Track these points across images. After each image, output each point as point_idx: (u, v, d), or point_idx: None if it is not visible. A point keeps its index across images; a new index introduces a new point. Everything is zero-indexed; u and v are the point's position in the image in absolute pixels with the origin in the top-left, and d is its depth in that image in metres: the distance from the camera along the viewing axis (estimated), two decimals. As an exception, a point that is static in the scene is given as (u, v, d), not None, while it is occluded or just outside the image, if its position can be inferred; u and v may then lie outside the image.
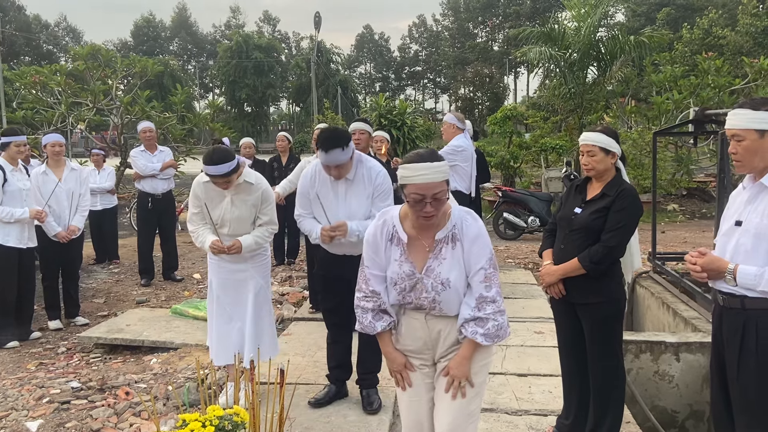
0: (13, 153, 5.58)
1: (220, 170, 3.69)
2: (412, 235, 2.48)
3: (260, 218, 4.01)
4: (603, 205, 3.22)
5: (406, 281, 2.47)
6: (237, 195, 3.92)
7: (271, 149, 12.34)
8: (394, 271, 2.49)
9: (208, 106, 14.87)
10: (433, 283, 2.44)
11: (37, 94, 10.86)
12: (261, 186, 3.98)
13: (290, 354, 4.86)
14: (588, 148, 3.27)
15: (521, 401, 4.01)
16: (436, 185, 2.32)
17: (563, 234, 3.39)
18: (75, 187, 6.13)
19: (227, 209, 3.93)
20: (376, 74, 76.89)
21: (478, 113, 51.43)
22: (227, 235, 3.97)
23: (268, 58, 52.07)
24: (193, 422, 2.47)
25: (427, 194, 2.32)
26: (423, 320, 2.54)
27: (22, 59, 52.92)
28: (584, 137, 3.34)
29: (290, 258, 8.80)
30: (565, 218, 3.38)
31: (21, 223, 5.57)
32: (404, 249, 2.48)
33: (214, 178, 3.74)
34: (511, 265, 8.57)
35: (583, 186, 3.43)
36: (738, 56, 19.53)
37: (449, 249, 2.45)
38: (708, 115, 6.22)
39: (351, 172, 3.76)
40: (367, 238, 2.55)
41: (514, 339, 5.22)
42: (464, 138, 6.60)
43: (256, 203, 3.95)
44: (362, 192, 3.78)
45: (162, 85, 34.97)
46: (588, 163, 3.29)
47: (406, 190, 2.37)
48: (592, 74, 16.35)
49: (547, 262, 3.42)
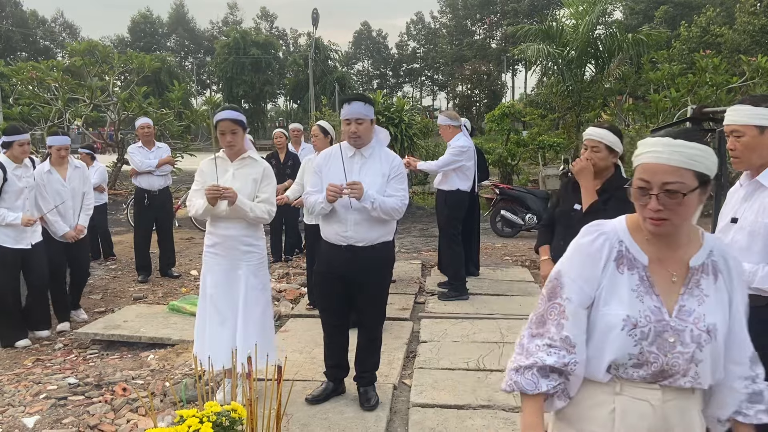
0: (17, 152, 5.40)
1: (230, 114, 3.84)
2: (652, 258, 1.68)
3: (259, 195, 3.94)
4: (603, 199, 3.30)
5: (655, 326, 1.62)
6: (240, 169, 3.94)
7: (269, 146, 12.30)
8: (631, 309, 1.64)
9: (205, 103, 14.85)
10: (693, 330, 1.62)
11: (34, 90, 10.83)
12: (264, 163, 4.02)
13: (288, 351, 4.86)
14: (593, 143, 3.29)
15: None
16: (671, 172, 1.57)
17: (562, 230, 3.40)
18: (79, 186, 6.03)
19: (228, 182, 3.87)
20: (373, 71, 76.77)
21: (475, 111, 51.40)
22: (225, 213, 3.88)
23: (265, 55, 51.94)
24: (190, 418, 2.47)
25: (652, 181, 1.59)
26: (657, 400, 1.65)
27: (19, 55, 52.76)
28: (590, 132, 3.34)
29: (288, 255, 8.79)
30: (565, 214, 3.41)
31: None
32: (646, 275, 1.66)
33: (222, 123, 3.81)
34: (509, 262, 8.58)
35: (575, 183, 3.48)
36: (736, 54, 19.56)
37: (710, 282, 1.68)
38: (705, 113, 6.21)
39: (367, 150, 3.74)
40: (576, 248, 1.74)
41: (512, 336, 5.23)
42: (464, 136, 6.59)
43: (257, 178, 3.93)
44: (377, 170, 3.71)
45: (159, 82, 34.93)
46: (590, 158, 3.31)
47: (634, 178, 1.68)
48: (590, 72, 16.36)
49: (545, 258, 3.45)
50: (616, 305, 1.64)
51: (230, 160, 3.97)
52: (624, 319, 1.63)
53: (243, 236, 3.94)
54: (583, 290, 1.69)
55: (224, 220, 3.91)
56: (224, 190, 3.74)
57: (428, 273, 7.78)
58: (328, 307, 3.98)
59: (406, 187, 3.76)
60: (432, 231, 10.17)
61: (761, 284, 2.46)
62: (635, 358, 1.63)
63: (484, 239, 9.60)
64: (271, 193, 4.00)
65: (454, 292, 6.44)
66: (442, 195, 6.61)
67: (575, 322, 1.68)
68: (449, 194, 6.51)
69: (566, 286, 1.71)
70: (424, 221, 12.94)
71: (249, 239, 3.97)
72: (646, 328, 1.61)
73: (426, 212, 13.74)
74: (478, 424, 3.67)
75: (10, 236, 5.35)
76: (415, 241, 10.56)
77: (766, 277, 2.46)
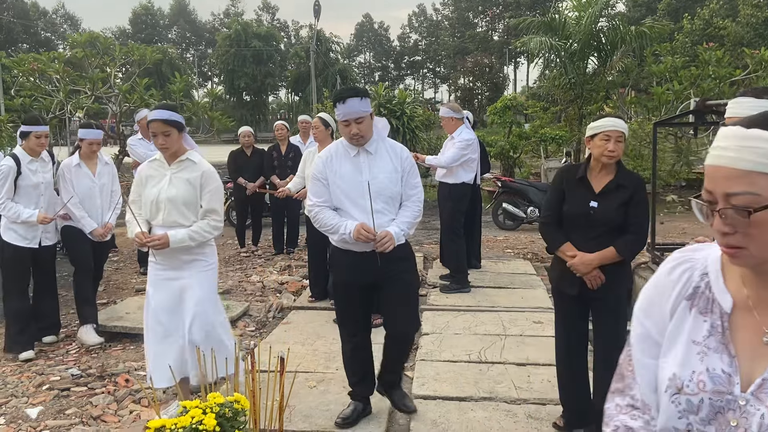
0: (33, 144, 5.01)
1: (161, 114, 3.45)
2: (741, 303, 1.18)
3: (202, 206, 3.56)
4: (624, 197, 3.21)
5: (711, 398, 1.15)
6: (178, 173, 3.56)
7: (270, 138, 12.31)
8: (682, 366, 1.20)
9: (206, 95, 14.81)
10: (765, 417, 1.09)
11: (35, 82, 10.79)
12: (204, 166, 3.59)
13: (290, 343, 4.87)
14: (618, 134, 3.19)
15: (520, 390, 4.02)
16: (736, 177, 1.09)
17: (579, 229, 3.27)
18: (109, 183, 5.59)
19: (164, 188, 3.53)
20: (375, 63, 76.64)
21: (477, 103, 51.30)
22: (161, 226, 3.53)
23: (267, 47, 51.88)
24: (193, 409, 2.48)
25: (715, 192, 1.13)
26: None
27: (20, 46, 52.68)
28: (613, 123, 3.22)
29: (289, 247, 8.80)
30: (581, 213, 3.25)
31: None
32: (723, 325, 1.19)
33: (154, 123, 3.45)
34: (510, 255, 8.58)
35: (584, 177, 3.30)
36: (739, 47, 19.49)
37: None
38: (708, 105, 6.20)
39: (372, 145, 3.40)
40: (652, 278, 1.32)
41: (513, 329, 5.23)
42: (467, 129, 6.58)
43: (195, 183, 3.53)
44: (389, 166, 3.39)
45: (160, 74, 34.87)
46: (615, 151, 3.18)
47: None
48: (593, 64, 16.28)
49: (573, 253, 3.26)
50: (672, 357, 1.22)
51: (167, 163, 3.60)
52: (670, 378, 1.20)
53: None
54: (650, 335, 1.27)
55: (163, 228, 3.55)
56: (150, 240, 3.43)
57: (430, 266, 7.78)
58: (353, 318, 3.58)
59: (420, 179, 3.54)
60: (434, 224, 10.16)
61: None
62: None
63: (485, 232, 9.60)
64: (216, 202, 3.60)
65: (456, 284, 6.44)
66: (445, 188, 6.61)
67: (642, 374, 1.28)
68: (453, 187, 6.50)
69: (633, 329, 1.32)
70: (425, 214, 12.86)
71: (192, 247, 3.60)
72: (696, 398, 1.15)
73: (428, 204, 13.70)
74: (480, 416, 3.68)
75: (21, 234, 5.01)
76: (417, 234, 10.56)
77: None
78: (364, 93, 3.36)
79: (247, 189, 8.55)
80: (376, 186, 3.31)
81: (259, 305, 6.14)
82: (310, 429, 3.53)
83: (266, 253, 8.77)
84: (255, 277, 7.29)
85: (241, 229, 9.22)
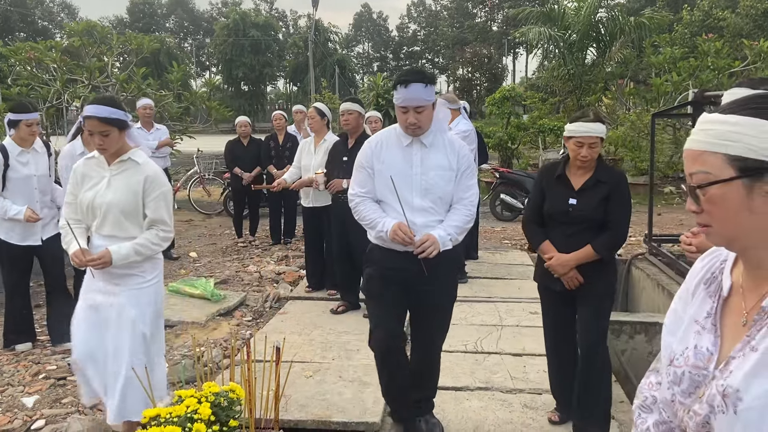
0: (24, 133, 4.61)
1: (98, 111, 2.97)
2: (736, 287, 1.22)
3: (147, 214, 3.09)
4: (603, 193, 3.16)
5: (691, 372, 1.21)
6: (118, 175, 3.09)
7: (268, 128, 12.29)
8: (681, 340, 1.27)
9: (204, 85, 14.77)
10: (711, 393, 1.14)
11: (32, 71, 10.75)
12: (149, 168, 3.12)
13: (286, 333, 4.87)
14: (592, 140, 3.09)
15: (516, 380, 4.04)
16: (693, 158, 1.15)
17: (560, 227, 3.25)
18: None
19: (100, 192, 3.07)
20: (374, 54, 76.36)
21: (476, 94, 51.22)
22: (99, 235, 3.09)
23: (265, 37, 51.60)
24: (188, 398, 2.48)
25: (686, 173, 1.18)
26: None
27: (17, 35, 52.43)
28: (587, 129, 3.09)
29: (287, 237, 8.79)
30: (560, 211, 3.23)
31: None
32: (716, 308, 1.24)
33: (89, 121, 2.98)
34: (508, 246, 8.59)
35: (563, 175, 3.27)
36: (738, 38, 19.45)
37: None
38: (707, 96, 6.19)
39: (428, 137, 3.05)
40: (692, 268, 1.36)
41: (510, 319, 5.25)
42: (465, 119, 6.54)
43: (137, 189, 3.05)
44: (443, 163, 3.05)
45: (158, 63, 34.69)
46: (588, 156, 3.12)
47: None
48: (592, 55, 16.30)
49: (550, 255, 3.25)
50: (678, 334, 1.29)
51: (107, 162, 3.12)
52: (670, 351, 1.28)
53: None
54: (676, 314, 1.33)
55: (99, 237, 3.12)
56: (90, 261, 2.98)
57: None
58: (386, 314, 3.19)
59: (476, 181, 3.24)
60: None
61: None
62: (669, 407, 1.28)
63: (483, 223, 9.60)
64: (163, 211, 3.12)
65: (452, 275, 6.43)
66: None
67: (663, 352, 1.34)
68: None
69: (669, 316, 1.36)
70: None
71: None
72: (680, 371, 1.22)
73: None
74: (476, 405, 3.69)
75: (15, 231, 4.64)
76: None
77: None
78: (431, 79, 2.99)
79: (244, 179, 8.53)
80: (426, 182, 3.01)
81: (256, 295, 6.14)
82: (306, 418, 3.54)
83: (263, 243, 8.77)
84: (252, 267, 7.29)
85: (238, 220, 9.21)
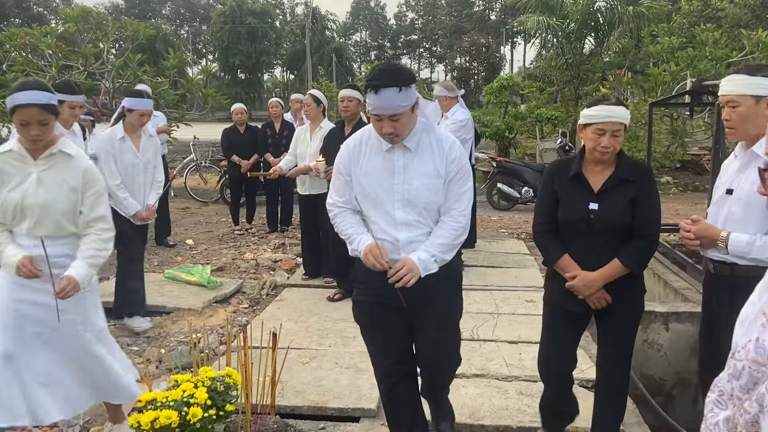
0: (67, 115, 4.40)
1: (36, 97, 2.62)
2: None
3: (84, 212, 2.80)
4: (629, 194, 2.69)
5: (751, 367, 1.17)
6: (48, 171, 2.75)
7: (265, 117, 12.26)
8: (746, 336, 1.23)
9: (201, 72, 14.70)
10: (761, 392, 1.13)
11: (28, 57, 10.69)
12: (83, 162, 2.84)
13: (283, 319, 4.88)
14: (616, 127, 2.63)
15: (512, 367, 4.05)
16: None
17: (579, 237, 2.75)
18: (153, 158, 4.95)
19: (30, 191, 2.72)
20: (371, 42, 76.07)
21: (473, 83, 51.10)
22: (32, 236, 2.74)
23: (262, 24, 51.33)
24: (185, 383, 2.49)
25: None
26: None
27: (12, 21, 52.06)
28: (610, 113, 2.63)
29: (283, 225, 8.79)
30: (579, 218, 2.72)
31: None
32: None
33: (26, 110, 2.62)
34: (504, 235, 8.60)
35: (580, 174, 2.77)
36: (736, 29, 19.38)
37: None
38: (705, 86, 6.19)
39: (412, 139, 2.58)
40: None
41: (506, 307, 5.26)
42: (462, 108, 6.53)
43: (75, 186, 2.77)
44: (429, 168, 2.58)
45: (154, 50, 34.48)
46: (610, 147, 2.64)
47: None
48: (590, 45, 16.24)
49: (573, 273, 2.74)
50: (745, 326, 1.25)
51: (32, 157, 2.75)
52: (734, 343, 1.25)
53: (58, 256, 2.79)
54: (753, 306, 1.27)
55: (28, 238, 2.78)
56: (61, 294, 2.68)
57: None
58: (385, 344, 2.81)
59: (471, 185, 2.71)
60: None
61: (759, 255, 2.47)
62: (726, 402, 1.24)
63: (480, 212, 9.60)
64: (103, 207, 2.87)
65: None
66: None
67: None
68: None
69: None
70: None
71: (65, 259, 2.81)
72: (740, 365, 1.18)
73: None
74: (472, 392, 3.71)
75: None
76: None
77: (763, 248, 2.47)
78: (407, 80, 2.46)
79: (242, 167, 8.50)
80: (409, 193, 2.58)
81: (252, 283, 6.14)
82: (302, 404, 3.55)
83: (260, 231, 8.76)
84: (249, 254, 7.29)
85: (235, 207, 9.19)
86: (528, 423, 3.35)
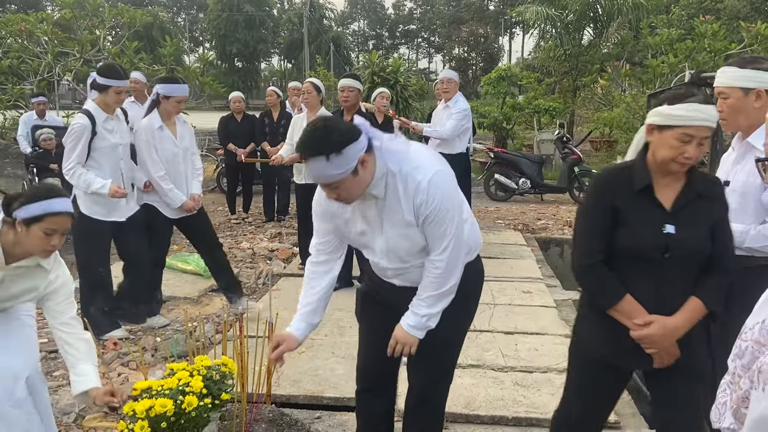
0: (112, 100, 4.23)
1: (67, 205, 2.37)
2: None
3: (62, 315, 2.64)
4: (710, 214, 2.14)
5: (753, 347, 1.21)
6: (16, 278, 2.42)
7: (262, 105, 12.23)
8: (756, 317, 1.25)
9: (198, 60, 14.65)
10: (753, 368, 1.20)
11: (23, 43, 10.63)
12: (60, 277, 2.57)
13: (279, 309, 4.85)
14: (706, 134, 2.05)
15: (507, 358, 4.06)
16: None
17: (647, 271, 2.10)
18: (190, 146, 4.76)
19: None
20: (369, 32, 75.73)
21: (472, 74, 50.97)
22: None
23: (259, 12, 51.07)
24: (180, 371, 2.49)
25: None
26: None
27: (8, 7, 51.67)
28: (704, 114, 2.01)
29: (280, 215, 8.78)
30: (655, 245, 2.08)
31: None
32: None
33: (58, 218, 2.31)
34: (501, 226, 8.60)
35: (646, 188, 2.13)
36: (735, 21, 19.36)
37: None
38: (703, 78, 6.16)
39: (378, 186, 2.22)
40: None
41: (502, 298, 5.26)
42: (462, 96, 6.59)
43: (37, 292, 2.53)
44: (399, 215, 2.25)
45: (151, 37, 34.28)
46: (694, 158, 2.04)
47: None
48: (589, 36, 16.21)
49: (646, 319, 2.08)
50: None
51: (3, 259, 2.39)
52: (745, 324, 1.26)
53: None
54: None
55: None
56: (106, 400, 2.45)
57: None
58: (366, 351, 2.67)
59: (452, 220, 2.26)
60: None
61: (752, 244, 2.48)
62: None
63: (477, 202, 9.61)
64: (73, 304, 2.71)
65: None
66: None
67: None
68: (453, 158, 6.47)
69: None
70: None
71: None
72: (744, 344, 1.21)
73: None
74: (468, 382, 3.72)
75: (101, 204, 4.24)
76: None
77: (757, 238, 2.48)
78: (334, 148, 2.03)
79: (238, 155, 8.48)
80: (387, 245, 2.34)
81: (249, 272, 6.14)
82: (298, 393, 3.56)
83: (257, 220, 8.75)
84: (245, 243, 7.28)
85: (232, 196, 9.18)
86: (523, 413, 3.36)
